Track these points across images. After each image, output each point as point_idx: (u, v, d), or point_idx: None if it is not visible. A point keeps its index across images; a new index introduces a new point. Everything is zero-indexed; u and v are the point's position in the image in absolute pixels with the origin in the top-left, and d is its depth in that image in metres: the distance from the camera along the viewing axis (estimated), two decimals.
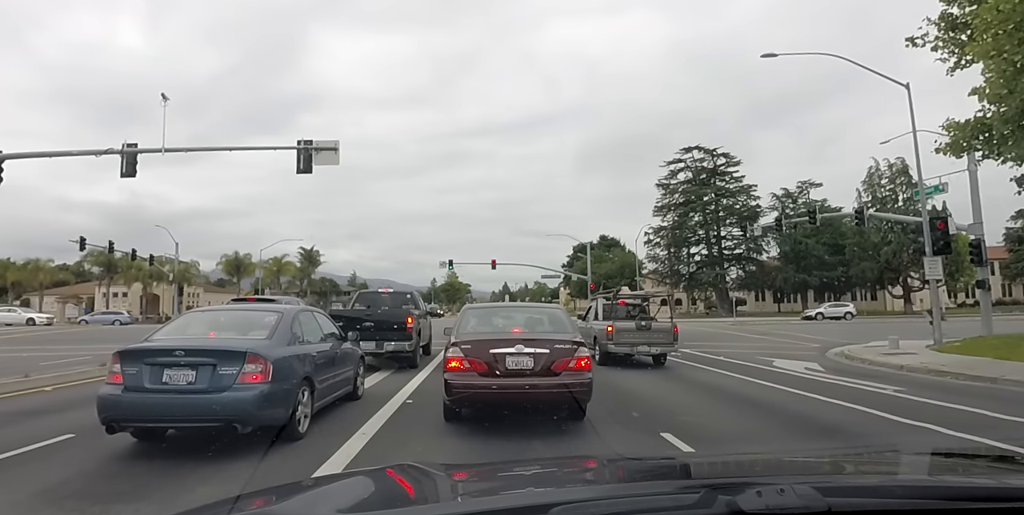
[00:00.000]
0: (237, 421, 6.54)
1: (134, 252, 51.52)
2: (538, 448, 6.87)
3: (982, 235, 23.15)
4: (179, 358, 6.69)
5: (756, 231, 61.85)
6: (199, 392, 6.55)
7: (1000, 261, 69.30)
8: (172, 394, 6.54)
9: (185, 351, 6.78)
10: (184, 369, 6.64)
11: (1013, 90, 15.36)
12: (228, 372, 6.64)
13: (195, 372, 6.62)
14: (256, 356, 6.78)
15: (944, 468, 2.17)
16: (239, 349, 6.85)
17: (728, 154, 73.54)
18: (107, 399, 6.63)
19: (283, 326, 7.78)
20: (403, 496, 1.83)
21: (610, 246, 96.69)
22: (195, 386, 6.57)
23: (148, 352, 6.85)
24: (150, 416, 6.66)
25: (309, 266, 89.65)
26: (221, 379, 6.60)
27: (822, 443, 7.43)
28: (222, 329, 8.14)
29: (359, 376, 10.43)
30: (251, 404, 6.57)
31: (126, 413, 6.63)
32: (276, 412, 6.90)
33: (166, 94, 24.20)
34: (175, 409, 6.59)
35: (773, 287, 74.39)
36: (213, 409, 6.51)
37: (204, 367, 6.64)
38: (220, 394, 6.53)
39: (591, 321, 18.22)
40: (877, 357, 17.26)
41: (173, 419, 6.79)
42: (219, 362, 6.68)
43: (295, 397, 7.23)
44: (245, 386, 6.61)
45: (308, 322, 8.81)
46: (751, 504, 1.29)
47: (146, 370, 6.63)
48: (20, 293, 76.57)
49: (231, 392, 6.55)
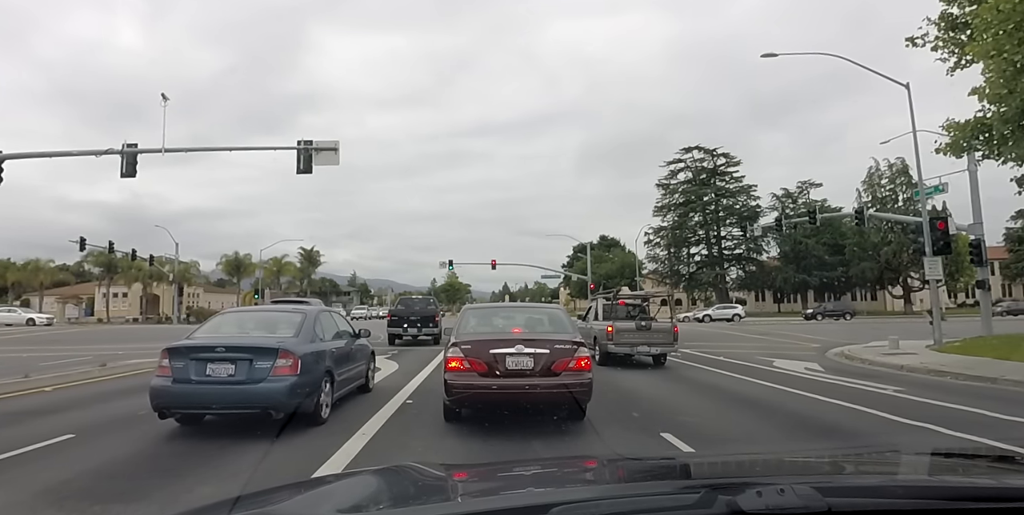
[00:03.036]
0: (272, 408, 7.45)
1: (134, 252, 51.59)
2: (538, 448, 6.87)
3: (982, 235, 23.15)
4: (220, 354, 7.55)
5: (756, 231, 61.84)
6: (238, 383, 7.41)
7: (1000, 261, 69.32)
8: (215, 385, 7.42)
9: (225, 348, 7.65)
10: (225, 363, 7.50)
11: (1013, 90, 15.35)
12: (263, 366, 7.49)
13: (234, 366, 7.48)
14: (287, 352, 7.64)
15: (944, 468, 2.17)
16: (272, 346, 7.73)
17: (728, 154, 73.65)
18: (159, 389, 7.51)
19: (307, 325, 8.61)
20: (403, 496, 1.83)
21: (610, 246, 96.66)
22: (235, 378, 7.43)
23: (193, 349, 7.69)
24: (196, 404, 7.56)
25: (309, 266, 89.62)
26: (257, 372, 7.46)
27: (822, 443, 7.42)
28: (253, 328, 9.03)
29: (370, 370, 11.29)
30: (283, 394, 7.43)
31: (175, 401, 7.52)
32: (304, 401, 7.72)
33: (166, 94, 24.23)
34: (218, 398, 7.46)
35: (773, 287, 74.37)
36: (251, 398, 7.41)
37: (242, 361, 7.50)
38: (257, 385, 7.41)
39: (591, 321, 18.22)
40: (877, 357, 17.26)
41: (216, 406, 7.61)
42: (255, 357, 7.53)
43: (319, 388, 8.12)
44: (278, 378, 7.47)
45: (327, 321, 9.65)
46: (751, 504, 1.29)
47: (192, 364, 7.51)
48: (20, 293, 76.50)
49: (266, 383, 7.43)
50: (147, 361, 16.81)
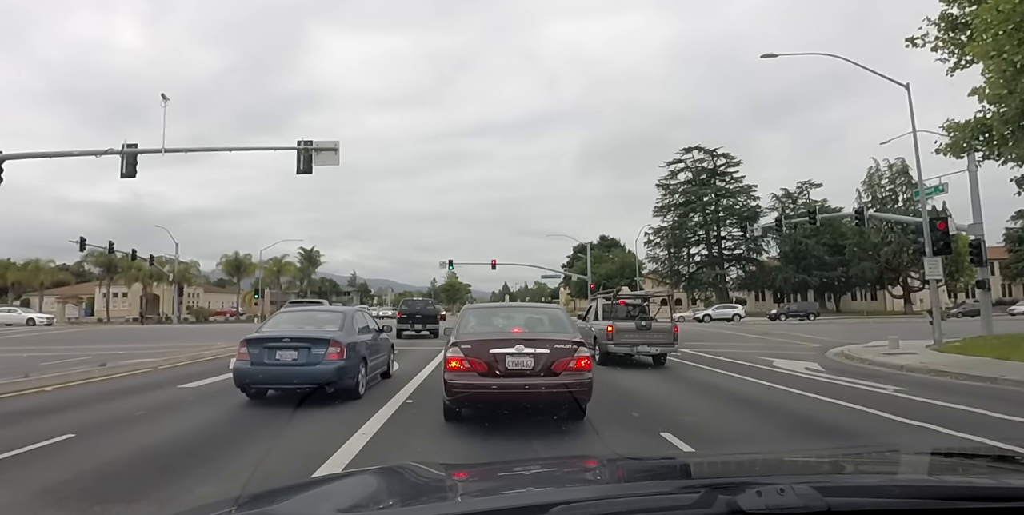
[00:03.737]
0: (325, 385, 9.59)
1: (134, 252, 51.61)
2: (538, 448, 6.87)
3: (982, 235, 23.16)
4: (286, 343, 9.78)
5: (756, 231, 61.90)
6: (300, 365, 9.64)
7: (1000, 261, 69.33)
8: (283, 367, 9.66)
9: (290, 339, 9.91)
10: (289, 350, 9.73)
11: (1013, 90, 15.35)
12: (318, 353, 9.68)
13: (297, 352, 9.71)
14: (336, 342, 9.81)
15: (944, 468, 2.17)
16: (326, 337, 9.94)
17: (728, 154, 73.73)
18: (240, 370, 9.81)
19: (348, 321, 10.95)
20: (403, 496, 1.83)
21: (610, 246, 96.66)
22: (297, 362, 9.67)
23: (265, 340, 9.89)
24: (269, 382, 9.88)
25: (309, 266, 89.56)
26: (314, 357, 9.66)
27: (822, 443, 7.42)
28: (307, 324, 11.15)
29: (390, 360, 13.44)
30: (334, 374, 9.61)
31: (253, 379, 9.79)
32: (348, 380, 9.92)
33: (166, 94, 24.24)
34: (285, 377, 9.70)
35: (773, 287, 74.40)
36: (310, 377, 9.57)
37: (303, 349, 9.72)
38: (314, 367, 9.60)
39: (591, 321, 18.21)
40: (877, 357, 17.26)
41: (284, 383, 9.83)
42: (312, 346, 9.72)
43: (358, 370, 10.29)
44: (330, 362, 9.65)
45: (360, 319, 11.91)
46: (751, 504, 1.29)
47: (264, 351, 9.72)
48: (20, 293, 76.47)
49: (321, 365, 9.60)
50: (147, 361, 16.84)
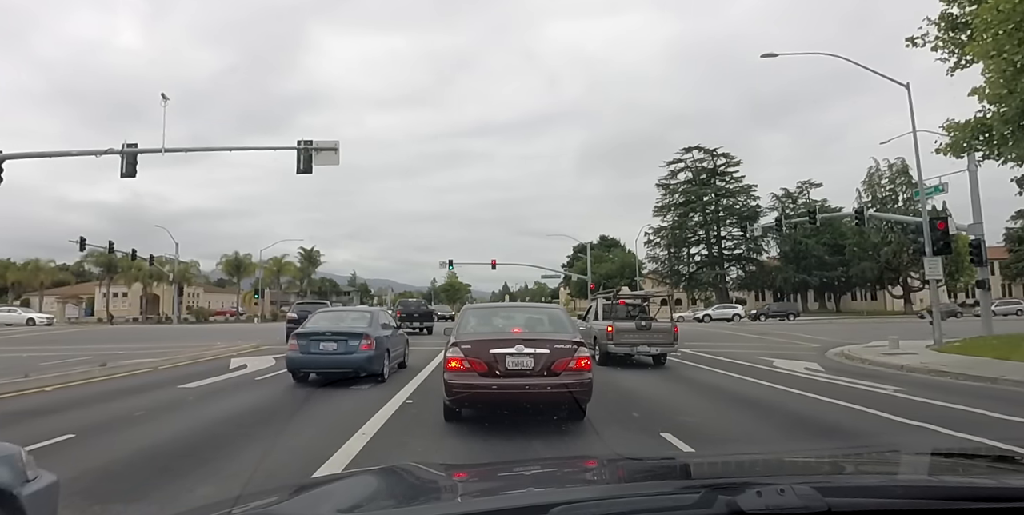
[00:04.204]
0: (360, 370, 12.10)
1: (134, 252, 51.61)
2: (538, 448, 6.87)
3: (982, 235, 23.15)
4: (327, 337, 12.36)
5: (756, 231, 61.86)
6: (339, 354, 12.18)
7: (1000, 261, 69.28)
8: (325, 355, 12.21)
9: (331, 333, 12.48)
10: (330, 342, 12.29)
11: (1013, 90, 15.36)
12: (354, 344, 12.22)
13: (336, 344, 12.27)
14: (368, 336, 12.36)
15: (944, 468, 2.17)
16: (360, 332, 12.52)
17: (728, 154, 73.64)
18: (292, 358, 12.49)
19: (375, 319, 13.81)
20: (403, 496, 1.83)
21: (610, 246, 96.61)
22: (337, 351, 12.20)
23: (310, 334, 12.52)
24: (314, 367, 12.46)
25: (309, 266, 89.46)
26: (350, 348, 12.20)
27: (822, 443, 7.43)
28: (342, 321, 13.73)
29: (406, 352, 15.64)
30: (367, 361, 12.18)
31: (303, 365, 12.43)
32: (376, 366, 12.40)
33: (166, 94, 24.26)
34: (327, 363, 12.23)
35: (773, 287, 74.36)
36: (347, 363, 12.12)
37: (341, 341, 12.28)
38: (351, 355, 12.14)
39: (591, 321, 18.21)
40: (877, 357, 17.26)
41: (327, 368, 12.31)
42: (348, 339, 12.29)
43: (384, 359, 12.76)
44: (363, 352, 12.17)
45: (383, 318, 14.69)
46: (751, 504, 1.29)
47: (310, 343, 12.31)
48: (20, 293, 76.42)
49: (356, 354, 12.14)
50: (147, 361, 16.83)
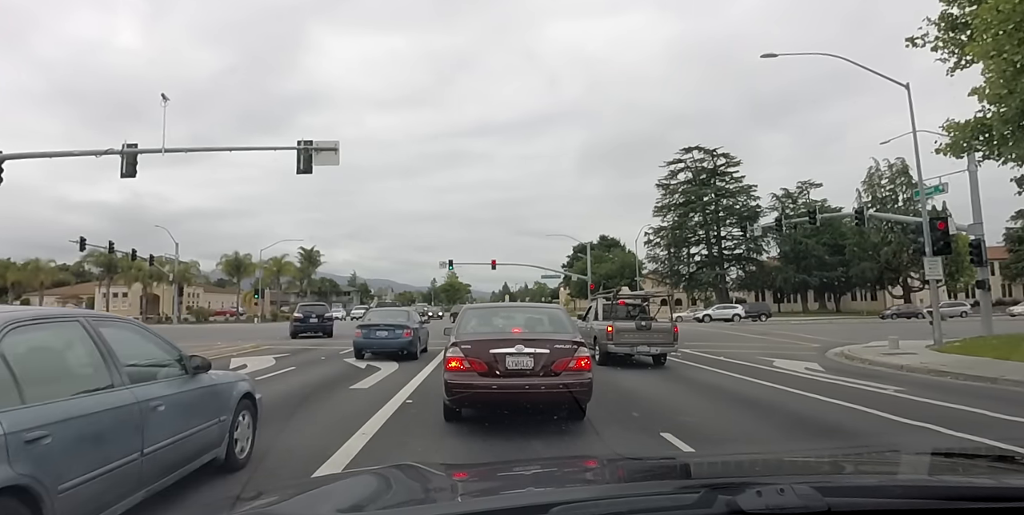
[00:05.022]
0: (402, 350, 17.53)
1: (134, 252, 51.58)
2: (538, 448, 6.87)
3: (982, 235, 23.14)
4: (382, 327, 17.88)
5: (756, 231, 61.84)
6: (390, 339, 17.62)
7: (1000, 261, 69.30)
8: (381, 340, 17.68)
9: (384, 325, 17.92)
10: (383, 331, 17.78)
11: (1013, 90, 15.35)
12: (399, 332, 17.71)
13: (388, 332, 17.74)
14: (408, 327, 17.92)
15: (944, 468, 2.17)
16: (403, 324, 18.06)
17: (728, 154, 73.75)
18: (358, 342, 17.98)
19: (412, 314, 20.04)
20: (403, 496, 1.83)
21: (610, 246, 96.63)
22: (388, 337, 17.66)
23: (370, 325, 18.14)
24: (372, 348, 17.74)
25: (309, 266, 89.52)
26: (397, 335, 17.67)
27: (822, 443, 7.42)
28: (389, 316, 19.11)
29: (426, 342, 20.23)
30: (408, 344, 17.66)
31: (366, 347, 17.82)
32: (415, 348, 18.01)
33: (166, 94, 24.28)
34: (381, 346, 17.60)
35: (773, 287, 74.41)
36: (395, 345, 17.52)
37: (391, 330, 17.75)
38: (398, 340, 17.60)
39: (591, 321, 18.20)
40: (877, 357, 17.26)
41: (381, 349, 17.58)
42: (396, 328, 17.77)
43: (418, 343, 18.46)
44: (406, 338, 17.67)
45: (415, 314, 20.58)
46: (751, 504, 1.29)
47: (370, 331, 17.94)
48: (20, 293, 76.41)
49: (401, 339, 17.61)
50: None
